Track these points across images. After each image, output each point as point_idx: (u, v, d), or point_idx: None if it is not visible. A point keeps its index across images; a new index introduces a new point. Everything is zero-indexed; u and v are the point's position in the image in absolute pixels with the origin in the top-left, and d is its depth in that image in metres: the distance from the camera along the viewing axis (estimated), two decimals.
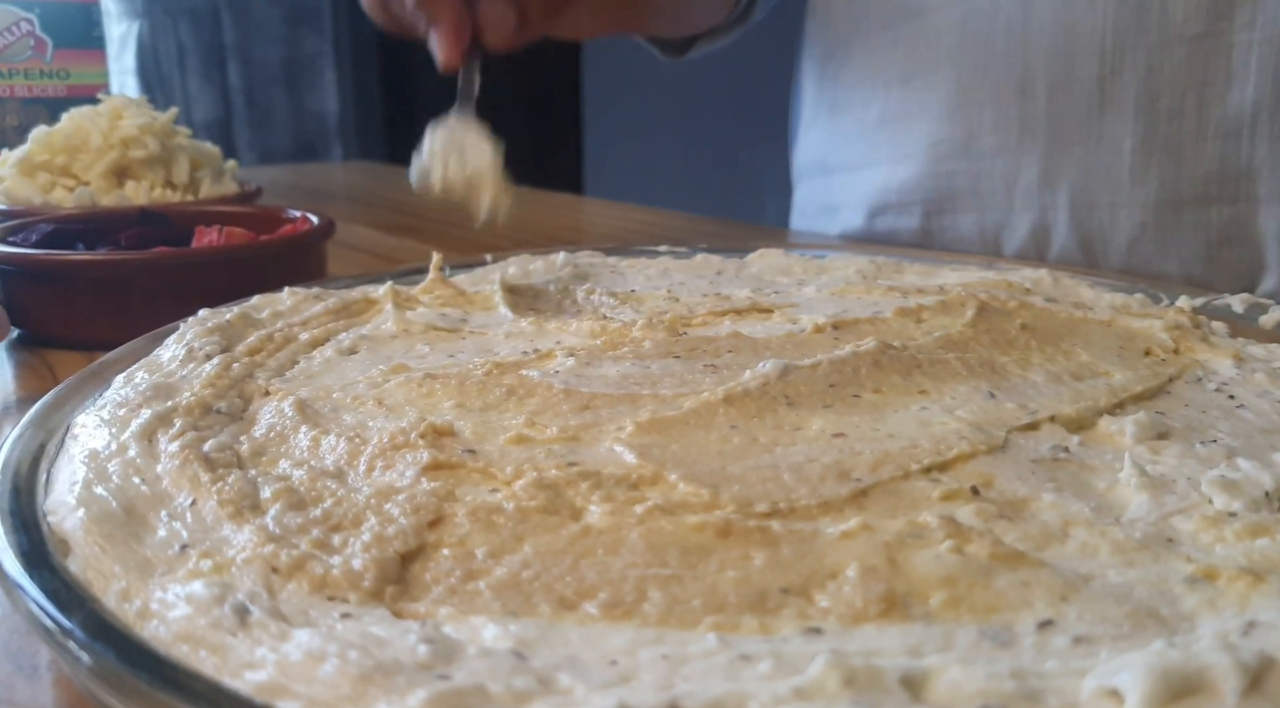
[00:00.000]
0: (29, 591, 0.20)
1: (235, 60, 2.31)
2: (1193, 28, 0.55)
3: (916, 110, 0.67)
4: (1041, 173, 0.62)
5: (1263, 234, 0.57)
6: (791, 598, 0.20)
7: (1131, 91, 0.58)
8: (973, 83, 0.63)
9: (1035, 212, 0.63)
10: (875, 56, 0.69)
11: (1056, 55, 0.60)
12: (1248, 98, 0.55)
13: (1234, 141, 0.56)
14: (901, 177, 0.68)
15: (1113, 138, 0.59)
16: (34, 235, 0.51)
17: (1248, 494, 0.24)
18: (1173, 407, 0.31)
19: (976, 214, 0.65)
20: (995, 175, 0.64)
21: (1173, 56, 0.56)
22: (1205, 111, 0.56)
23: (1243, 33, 0.54)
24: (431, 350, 0.35)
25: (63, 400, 0.31)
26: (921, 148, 0.67)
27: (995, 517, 0.23)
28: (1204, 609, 0.20)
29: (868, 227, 0.72)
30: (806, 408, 0.29)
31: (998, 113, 0.63)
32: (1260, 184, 0.56)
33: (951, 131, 0.65)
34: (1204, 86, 0.56)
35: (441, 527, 0.23)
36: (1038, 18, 0.60)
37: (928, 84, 0.65)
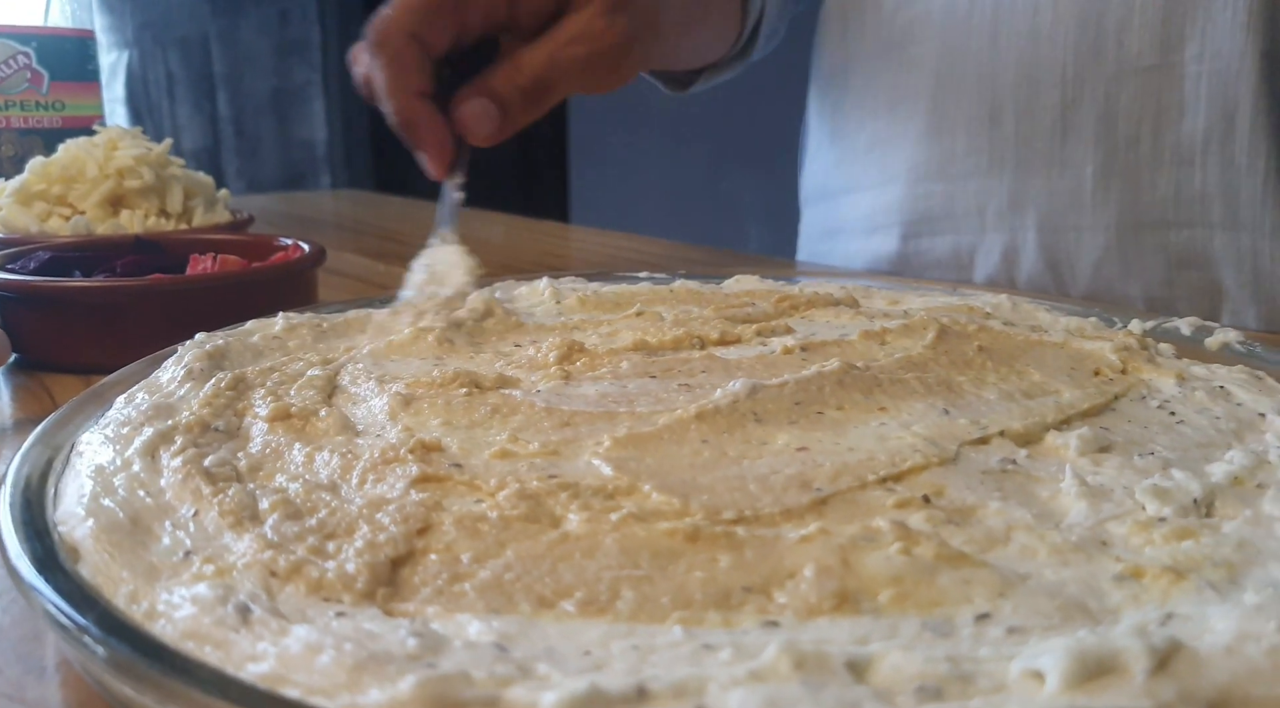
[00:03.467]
0: (45, 593, 0.21)
1: (224, 90, 2.34)
2: (1146, 60, 0.58)
3: (899, 136, 0.70)
4: (1010, 196, 0.65)
5: (1219, 256, 0.59)
6: (752, 595, 0.22)
7: (1091, 120, 0.61)
8: (947, 110, 0.67)
9: (1005, 234, 0.66)
10: (866, 86, 0.72)
11: (1022, 85, 0.63)
12: (1199, 126, 0.58)
13: (1188, 168, 0.59)
14: (885, 199, 0.71)
15: (1075, 164, 0.62)
16: (32, 263, 0.52)
17: (1178, 501, 0.26)
18: (1116, 422, 0.33)
19: (952, 236, 0.68)
20: (968, 198, 0.67)
21: (1128, 87, 0.59)
22: (1160, 139, 0.59)
23: (1192, 64, 0.57)
24: (427, 363, 0.37)
25: (66, 419, 0.32)
26: (902, 171, 0.70)
27: (943, 522, 0.25)
28: (1128, 603, 0.22)
29: (863, 248, 0.74)
30: (773, 424, 0.31)
31: (969, 139, 0.66)
32: (1213, 209, 0.59)
33: (929, 155, 0.68)
34: (1158, 115, 0.59)
35: (429, 534, 0.24)
36: (1004, 51, 0.63)
37: (909, 111, 0.68)
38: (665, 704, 0.17)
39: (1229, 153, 0.57)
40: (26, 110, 0.73)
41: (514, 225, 1.05)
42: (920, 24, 0.67)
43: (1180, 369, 0.38)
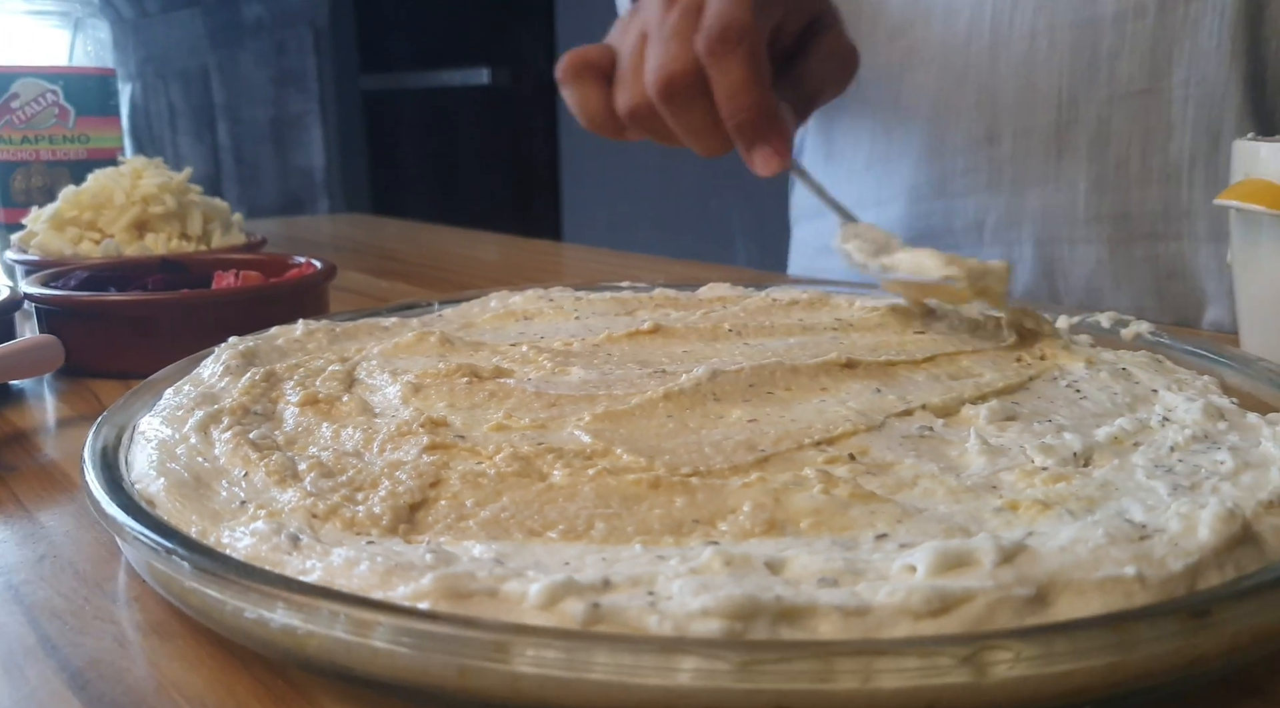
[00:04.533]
0: (137, 527, 0.27)
1: (224, 119, 2.40)
2: (1137, 84, 0.63)
3: (898, 156, 0.74)
4: (1007, 212, 0.70)
5: (1203, 269, 0.65)
6: (700, 525, 0.27)
7: (1085, 140, 0.66)
8: (946, 132, 0.71)
9: (1003, 248, 0.71)
10: (864, 109, 0.76)
11: (1019, 108, 0.68)
12: (1185, 146, 0.63)
13: (1174, 185, 0.64)
14: (885, 217, 0.76)
15: (1069, 181, 0.67)
16: (72, 280, 0.58)
17: (1060, 454, 0.32)
18: (1027, 398, 0.38)
19: (951, 251, 0.73)
20: (967, 214, 0.71)
21: (1120, 110, 0.64)
22: (1149, 158, 0.64)
23: (1180, 89, 0.62)
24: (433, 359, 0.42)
25: (124, 407, 0.38)
26: (902, 190, 0.74)
27: (863, 473, 0.31)
28: (1001, 527, 0.27)
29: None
30: (729, 402, 0.37)
31: (968, 158, 0.71)
32: (1198, 224, 0.64)
33: (928, 175, 0.73)
34: (1147, 136, 0.64)
35: (439, 486, 0.30)
36: (1003, 76, 0.68)
37: (907, 133, 0.73)
38: (624, 590, 0.23)
39: (1213, 171, 0.62)
40: (54, 143, 0.79)
41: (508, 245, 1.10)
42: (919, 50, 0.71)
43: (1091, 354, 0.43)
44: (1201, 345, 0.44)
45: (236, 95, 2.41)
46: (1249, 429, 0.34)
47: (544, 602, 0.22)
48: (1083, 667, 0.21)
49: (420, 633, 0.22)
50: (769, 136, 0.52)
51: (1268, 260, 0.44)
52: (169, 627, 0.28)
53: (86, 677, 0.26)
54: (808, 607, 0.22)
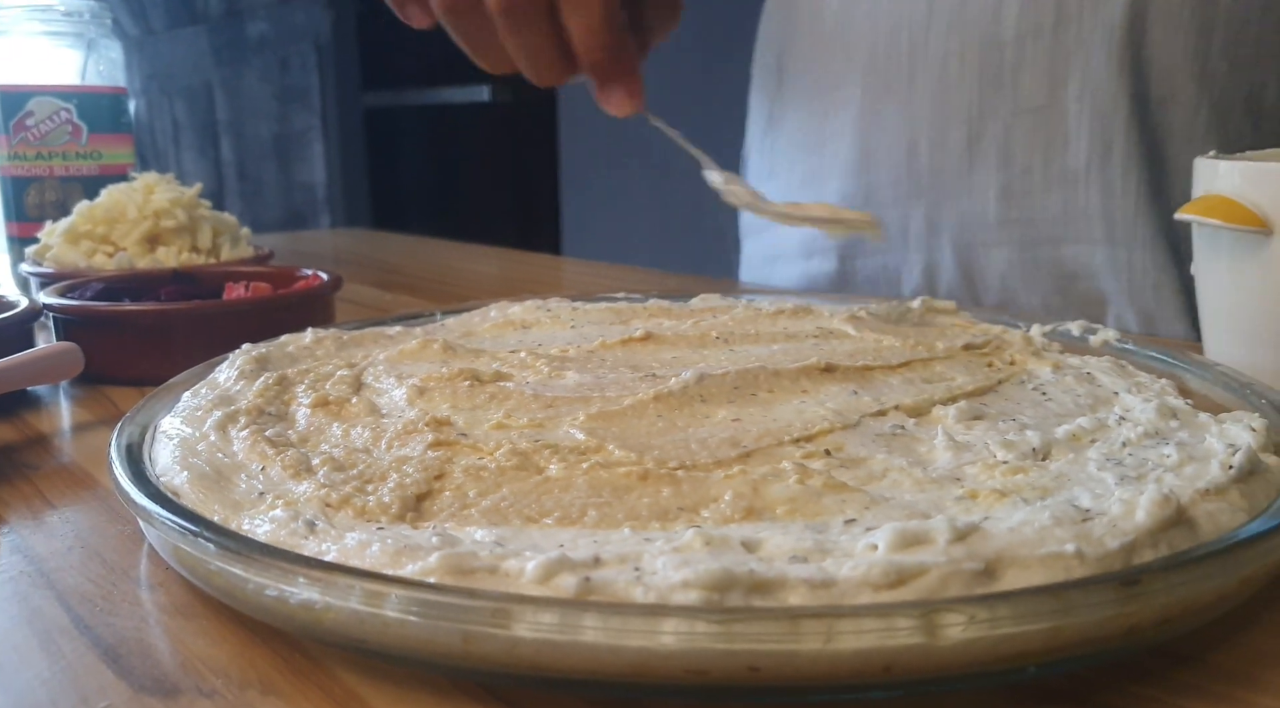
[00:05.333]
0: (164, 514, 0.29)
1: (227, 136, 2.43)
2: (1037, 100, 0.69)
3: (829, 171, 0.80)
4: (927, 220, 0.75)
5: (1101, 269, 0.70)
6: (685, 512, 0.30)
7: (993, 152, 0.71)
8: (871, 147, 0.77)
9: (925, 253, 0.76)
10: (799, 126, 0.82)
11: (935, 123, 0.73)
12: (1081, 155, 0.68)
13: (1073, 191, 0.69)
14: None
15: (980, 190, 0.72)
16: (88, 292, 0.60)
17: (1020, 449, 0.34)
18: (994, 400, 0.41)
19: (880, 256, 0.77)
20: (892, 222, 0.77)
21: (1023, 123, 0.70)
22: (1049, 168, 0.69)
23: (1074, 103, 0.68)
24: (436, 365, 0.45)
25: (145, 408, 0.40)
26: (833, 201, 0.79)
27: (837, 466, 0.33)
28: (960, 513, 0.29)
29: (804, 270, 0.83)
30: (715, 403, 0.39)
31: (891, 171, 0.76)
32: (1095, 227, 0.69)
33: (856, 187, 0.78)
34: (1048, 147, 0.69)
35: (444, 479, 0.32)
36: (920, 96, 0.74)
37: (837, 149, 0.79)
38: (613, 566, 0.25)
39: (1107, 178, 0.67)
40: (68, 160, 0.81)
41: (508, 259, 1.13)
42: (845, 74, 0.77)
43: (1058, 360, 0.46)
44: (1164, 352, 0.46)
45: (240, 111, 2.44)
46: (1198, 427, 0.36)
47: (540, 576, 0.25)
48: (1025, 630, 0.23)
49: (428, 603, 0.24)
50: (625, 77, 0.52)
51: (1227, 272, 0.46)
52: (192, 608, 0.30)
53: (118, 653, 0.28)
54: (778, 579, 0.24)
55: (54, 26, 0.83)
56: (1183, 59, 0.65)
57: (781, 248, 0.85)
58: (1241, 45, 0.65)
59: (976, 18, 0.69)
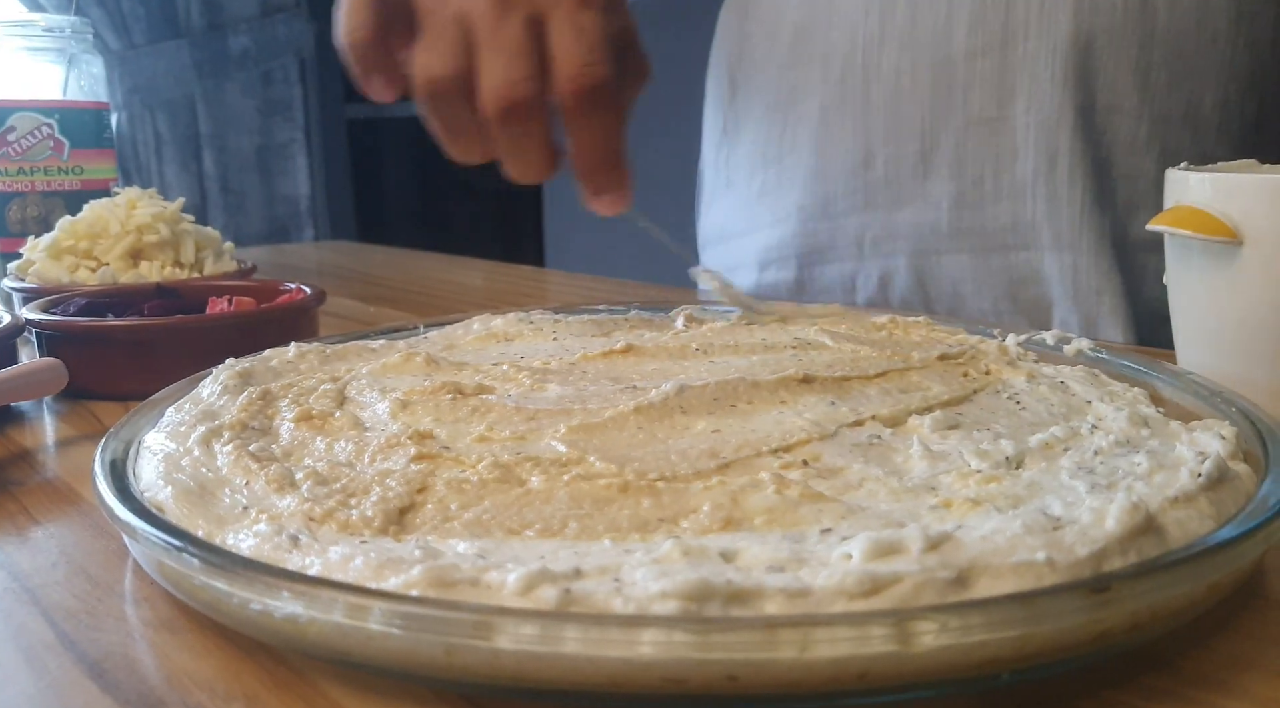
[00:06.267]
0: (149, 530, 0.29)
1: (210, 148, 2.43)
2: (987, 113, 0.71)
3: (788, 182, 0.81)
4: (883, 229, 0.77)
5: (1048, 275, 0.72)
6: (664, 523, 0.30)
7: (945, 163, 0.73)
8: (828, 159, 0.79)
9: (880, 261, 0.78)
10: (757, 140, 0.84)
11: (889, 136, 0.76)
12: (1029, 166, 0.71)
13: (1021, 201, 0.71)
14: (779, 236, 0.83)
15: (934, 200, 0.74)
16: (71, 307, 0.60)
17: (994, 458, 0.35)
18: (970, 410, 0.41)
19: (838, 265, 0.79)
20: (849, 232, 0.79)
21: (973, 135, 0.72)
22: (999, 178, 0.72)
23: (1022, 117, 0.70)
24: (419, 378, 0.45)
25: (129, 423, 0.40)
26: (792, 212, 0.81)
27: (814, 477, 0.34)
28: (935, 522, 0.30)
29: (758, 280, 0.85)
30: (695, 414, 0.39)
31: (847, 182, 0.78)
32: (1042, 234, 0.71)
33: (813, 198, 0.80)
34: (997, 158, 0.72)
35: (426, 492, 0.32)
36: (875, 109, 0.76)
37: (795, 161, 0.80)
38: (593, 578, 0.25)
39: (1053, 188, 0.70)
40: (49, 175, 0.81)
41: (493, 270, 1.13)
42: (800, 88, 0.79)
43: (1032, 369, 0.46)
44: (1137, 361, 0.47)
45: (222, 124, 2.44)
46: (1169, 436, 0.37)
47: (521, 589, 0.25)
48: (997, 638, 0.24)
49: (410, 616, 0.24)
50: (618, 185, 0.52)
51: (1198, 282, 0.47)
52: (177, 623, 0.30)
53: (103, 668, 0.28)
54: (755, 589, 0.24)
55: (35, 42, 0.83)
56: (1126, 73, 0.68)
57: (743, 257, 0.87)
58: (1179, 58, 0.67)
59: (927, 36, 0.72)
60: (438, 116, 0.51)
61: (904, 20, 0.72)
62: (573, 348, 0.52)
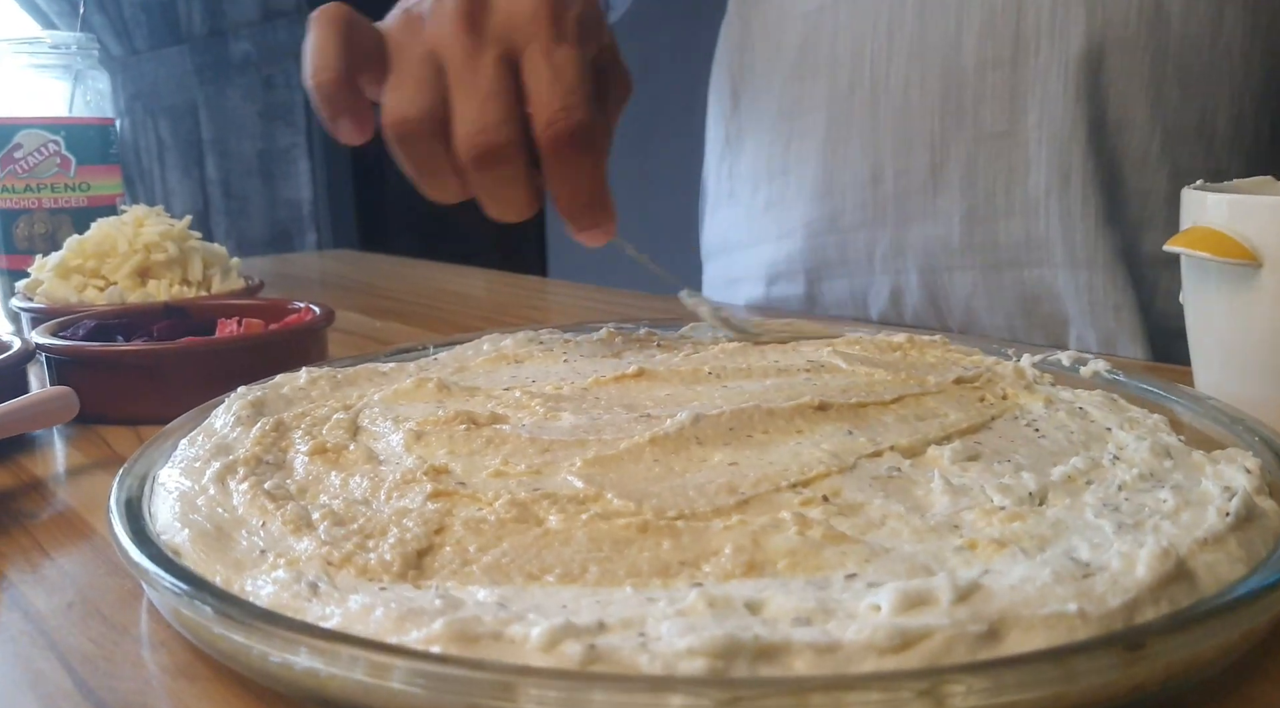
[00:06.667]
0: (169, 580, 0.29)
1: (212, 154, 2.43)
2: (998, 127, 0.70)
3: (794, 196, 0.80)
4: (893, 244, 0.76)
5: (1063, 291, 0.71)
6: (686, 567, 0.30)
7: (956, 178, 0.72)
8: (836, 172, 0.78)
9: (891, 276, 0.77)
10: (760, 152, 0.83)
11: (899, 150, 0.74)
12: (1041, 181, 0.70)
13: (1034, 217, 0.70)
14: (785, 251, 0.82)
15: (944, 215, 0.73)
16: (80, 330, 0.60)
17: (1017, 494, 0.34)
18: (988, 438, 0.41)
19: (847, 280, 0.78)
20: (858, 247, 0.78)
21: (984, 150, 0.71)
22: (1011, 193, 0.71)
23: (1034, 131, 0.69)
24: (430, 406, 0.45)
25: (143, 457, 0.40)
26: (799, 226, 0.80)
27: (835, 514, 0.33)
28: (961, 566, 0.30)
29: (766, 294, 0.84)
30: (711, 445, 0.39)
31: (855, 196, 0.77)
32: (1055, 250, 0.70)
33: (821, 212, 0.79)
34: (1009, 173, 0.71)
35: (444, 532, 0.32)
36: (883, 123, 0.75)
37: (801, 174, 0.79)
38: (617, 632, 0.25)
39: (1066, 204, 0.69)
40: (56, 192, 0.81)
41: (495, 280, 1.13)
42: (806, 101, 0.78)
43: (1050, 394, 0.46)
44: (1155, 383, 0.47)
45: (224, 130, 2.44)
46: (1193, 467, 0.36)
47: (545, 644, 0.25)
48: (1030, 698, 0.23)
49: (433, 675, 0.24)
50: (602, 221, 0.52)
51: (1216, 304, 0.47)
52: (194, 669, 0.30)
53: None
54: (783, 644, 0.24)
55: (41, 59, 0.82)
56: (1138, 86, 0.67)
57: (748, 270, 0.86)
58: (1193, 72, 0.67)
59: (936, 48, 0.71)
60: (410, 157, 0.49)
61: (912, 32, 0.72)
62: (584, 370, 0.51)
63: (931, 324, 0.77)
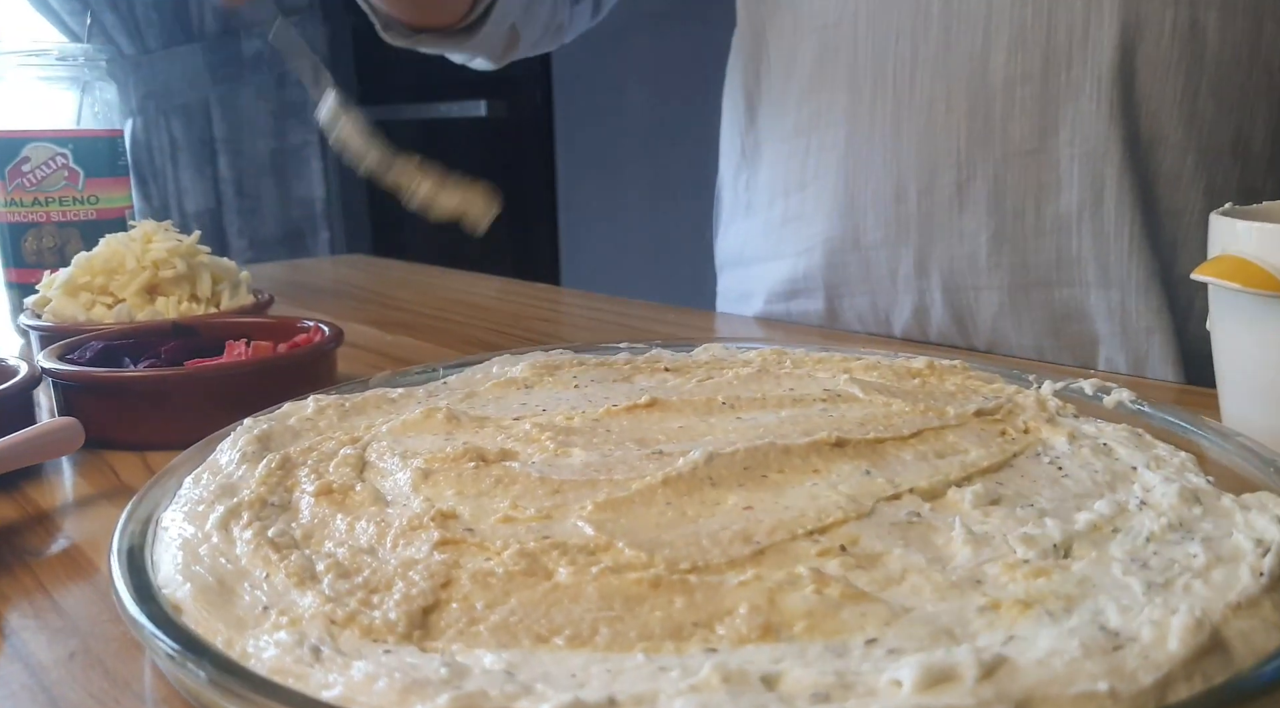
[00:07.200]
0: (167, 645, 0.28)
1: (225, 152, 2.42)
2: (1028, 144, 0.68)
3: (813, 211, 0.79)
4: (916, 262, 0.74)
5: (1094, 311, 0.69)
6: (699, 629, 0.29)
7: (983, 195, 0.70)
8: (857, 189, 0.76)
9: (915, 294, 0.75)
10: (778, 166, 0.81)
11: (923, 167, 0.72)
12: (1073, 200, 0.68)
13: (1065, 235, 0.68)
14: (804, 266, 0.80)
15: (971, 233, 0.71)
16: (88, 352, 0.59)
17: (1041, 546, 0.33)
18: (1010, 477, 0.40)
19: (869, 297, 0.76)
20: (880, 265, 0.76)
21: (1014, 167, 0.69)
22: (1042, 211, 0.69)
23: (1066, 148, 0.67)
24: (439, 439, 0.44)
25: (145, 497, 0.39)
26: (819, 243, 0.79)
27: (854, 567, 0.32)
28: (984, 629, 0.29)
29: (784, 309, 0.83)
30: (725, 487, 0.38)
31: (878, 214, 0.75)
32: (1088, 270, 0.69)
33: (842, 229, 0.77)
34: (1039, 191, 0.69)
35: (451, 587, 0.31)
36: (906, 139, 0.73)
37: (820, 190, 0.77)
38: None
39: (1099, 222, 0.67)
40: (64, 205, 0.80)
41: (508, 288, 1.12)
42: (825, 115, 0.76)
43: (1073, 428, 0.45)
44: (1180, 416, 0.46)
45: (237, 129, 2.43)
46: (1223, 515, 0.35)
47: None
48: None
49: None
50: None
51: (1244, 334, 0.46)
52: None
53: None
54: None
55: (49, 71, 0.82)
56: (1171, 102, 0.65)
57: (765, 284, 0.84)
58: (1229, 87, 0.65)
59: (963, 62, 0.69)
60: None
61: (937, 45, 0.69)
62: (595, 397, 0.50)
63: (957, 342, 0.76)
